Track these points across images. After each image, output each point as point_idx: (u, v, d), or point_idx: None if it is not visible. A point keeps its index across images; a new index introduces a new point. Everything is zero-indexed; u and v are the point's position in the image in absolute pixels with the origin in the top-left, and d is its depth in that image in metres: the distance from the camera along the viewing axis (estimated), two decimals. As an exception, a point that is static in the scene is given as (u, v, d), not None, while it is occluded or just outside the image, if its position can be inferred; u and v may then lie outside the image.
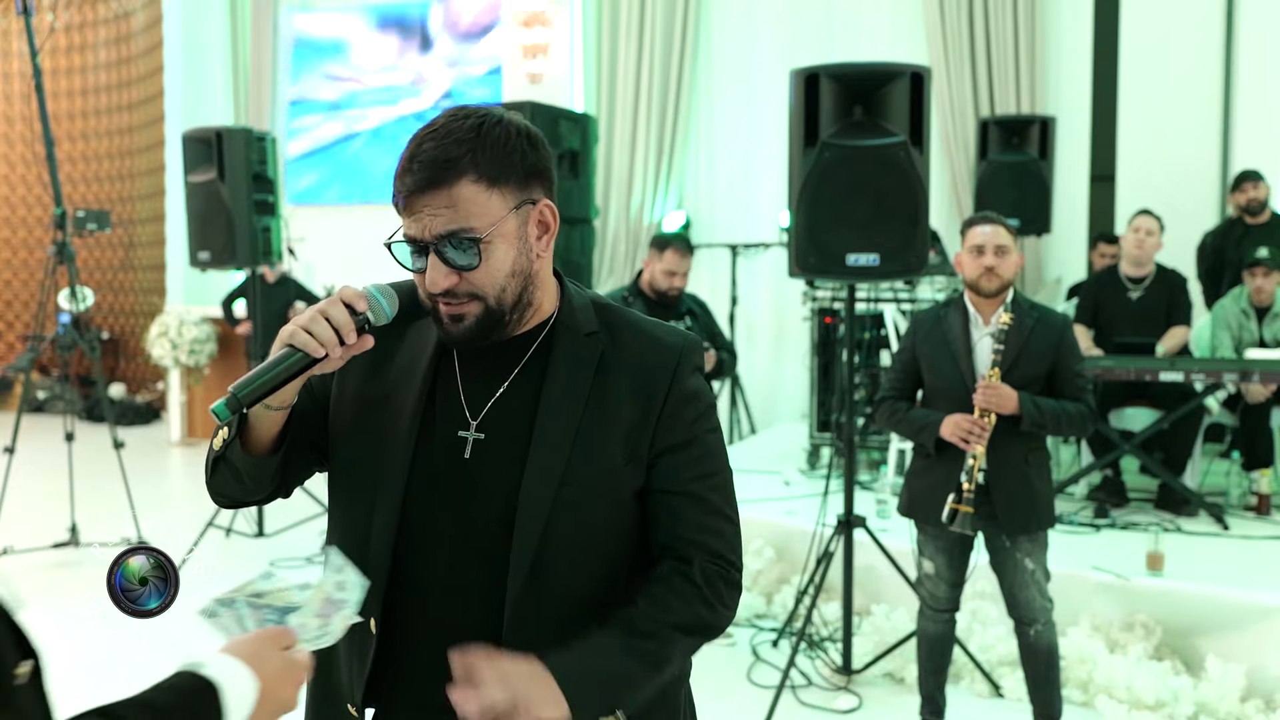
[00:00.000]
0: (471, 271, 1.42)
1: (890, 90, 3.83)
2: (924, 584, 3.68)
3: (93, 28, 13.02)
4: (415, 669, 1.50)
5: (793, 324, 8.46)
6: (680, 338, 1.57)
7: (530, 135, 1.46)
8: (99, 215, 6.49)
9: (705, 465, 1.54)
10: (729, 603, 1.53)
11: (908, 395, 3.67)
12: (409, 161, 1.41)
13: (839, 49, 8.34)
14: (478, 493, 1.48)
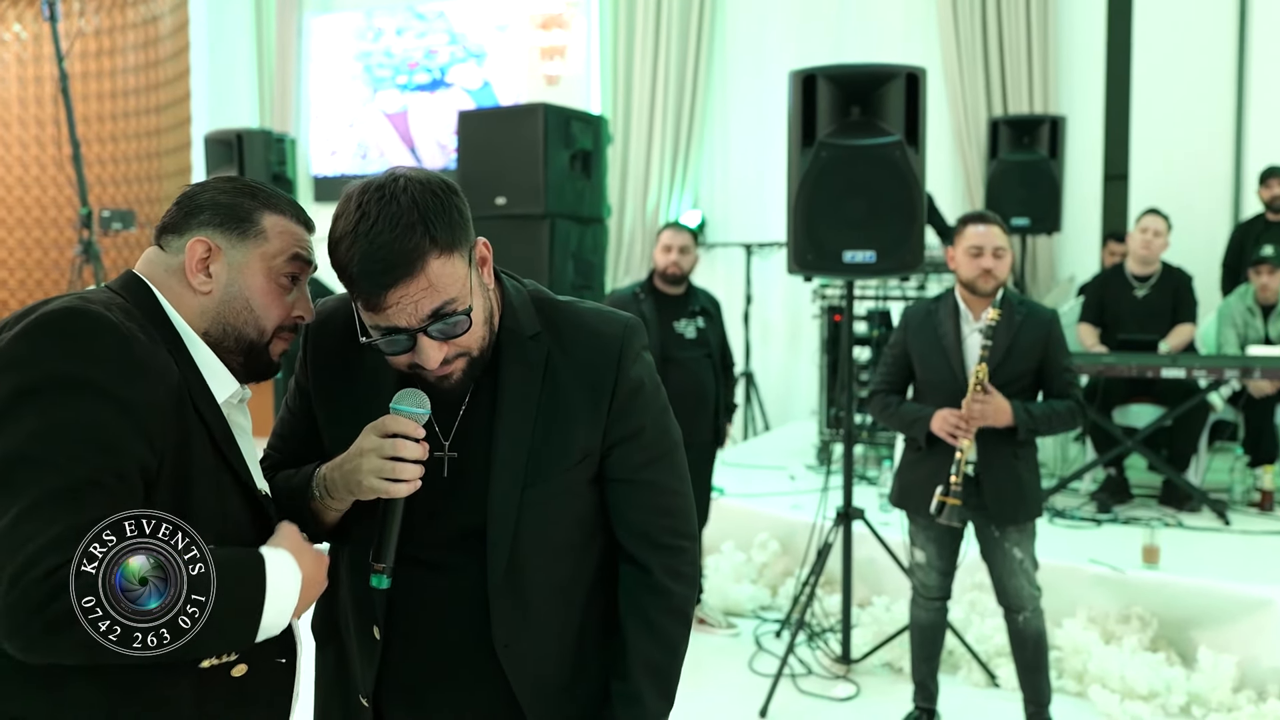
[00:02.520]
0: (461, 337, 1.48)
1: (887, 91, 3.90)
2: (916, 573, 3.76)
3: (121, 32, 13.24)
4: (414, 667, 1.60)
5: (806, 322, 8.53)
6: (619, 326, 1.63)
7: (450, 186, 1.47)
8: (124, 215, 6.66)
9: (654, 448, 1.65)
10: (691, 576, 1.67)
11: (899, 389, 3.73)
12: (368, 262, 1.40)
13: (851, 49, 8.40)
14: (456, 506, 1.58)
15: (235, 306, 1.49)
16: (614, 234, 9.19)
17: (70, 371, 1.27)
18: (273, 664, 1.49)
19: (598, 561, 1.67)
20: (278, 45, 11.34)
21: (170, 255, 1.50)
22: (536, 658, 1.60)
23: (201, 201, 1.51)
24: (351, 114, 11.59)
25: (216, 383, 1.46)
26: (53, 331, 1.29)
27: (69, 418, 1.26)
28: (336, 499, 1.53)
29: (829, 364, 6.72)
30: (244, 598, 1.32)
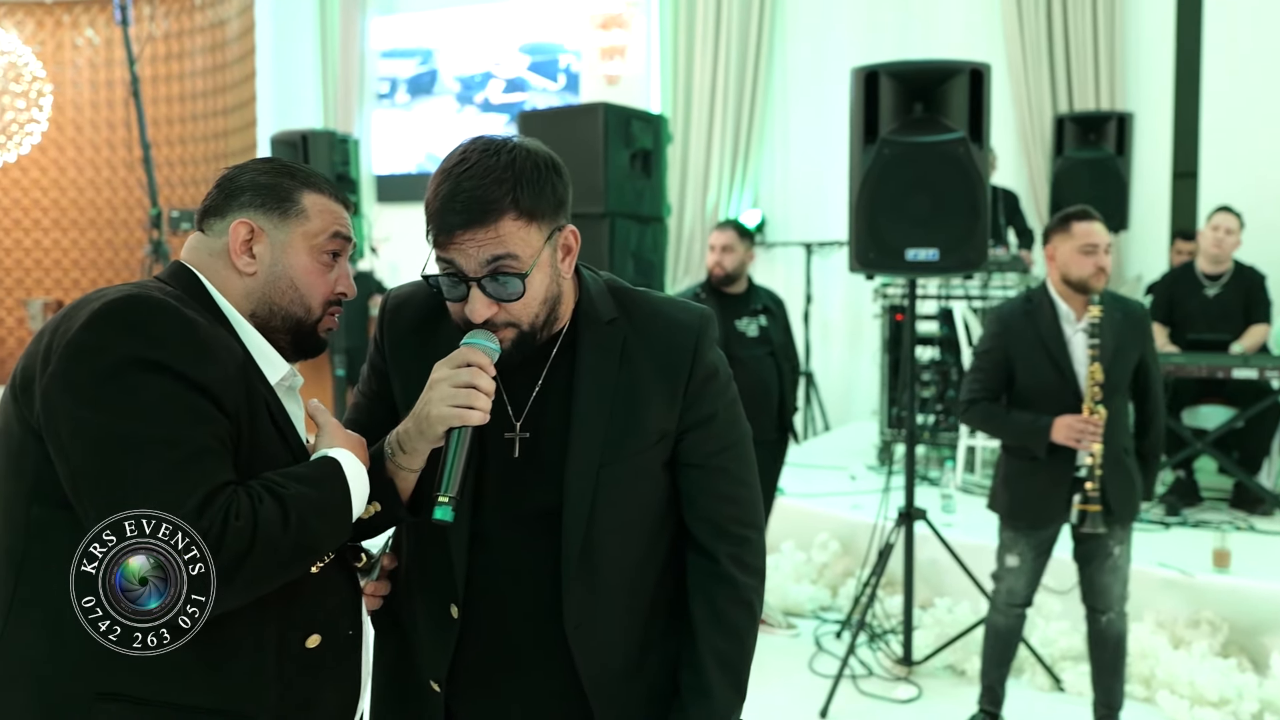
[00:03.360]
0: (513, 303, 1.50)
1: (950, 87, 3.87)
2: (1004, 579, 3.65)
3: (189, 35, 13.49)
4: (485, 650, 1.60)
5: (867, 322, 8.47)
6: (695, 314, 1.66)
7: (556, 165, 1.52)
8: (192, 215, 6.77)
9: (725, 437, 1.66)
10: (757, 568, 1.68)
11: (998, 396, 3.58)
12: (449, 200, 1.45)
13: (913, 46, 8.32)
14: (529, 487, 1.59)
15: (280, 286, 1.53)
16: (673, 233, 9.19)
17: (141, 354, 1.30)
18: (343, 636, 1.53)
19: (666, 548, 1.68)
20: (341, 46, 11.49)
21: (213, 238, 1.54)
22: (604, 641, 1.60)
23: (241, 183, 1.55)
24: (413, 114, 11.71)
25: (267, 365, 1.50)
26: (117, 319, 1.32)
27: (156, 396, 1.30)
28: (409, 452, 1.50)
29: (890, 364, 6.66)
30: (335, 496, 1.41)
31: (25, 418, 1.34)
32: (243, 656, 1.40)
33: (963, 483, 5.84)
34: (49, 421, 1.30)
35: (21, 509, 1.35)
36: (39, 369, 1.33)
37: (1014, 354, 3.53)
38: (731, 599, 1.64)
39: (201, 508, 1.25)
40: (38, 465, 1.33)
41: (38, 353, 1.35)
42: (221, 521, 1.25)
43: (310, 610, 1.47)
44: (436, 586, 1.60)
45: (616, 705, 1.62)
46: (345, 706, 1.55)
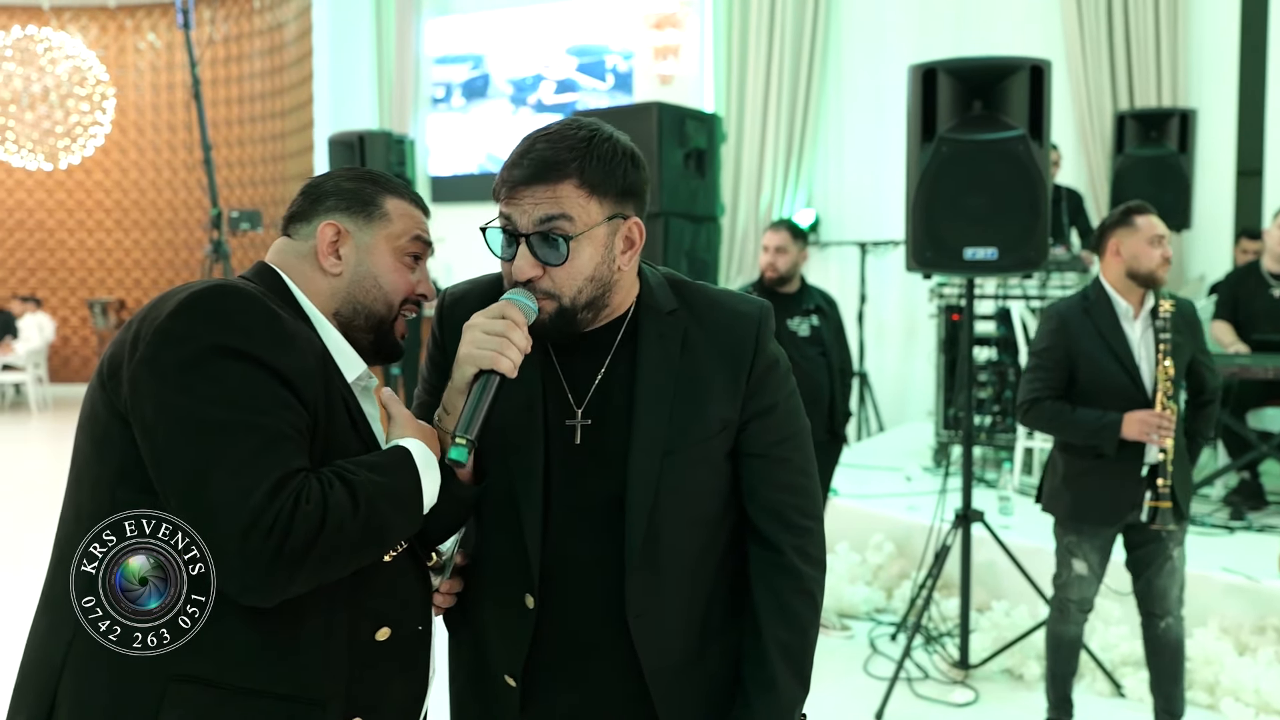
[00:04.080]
0: (556, 268, 1.51)
1: (1010, 84, 3.82)
2: (1074, 586, 3.58)
3: (248, 39, 13.68)
4: (556, 640, 1.61)
5: (922, 322, 8.40)
6: (755, 306, 1.67)
7: (634, 156, 1.55)
8: (251, 215, 6.88)
9: (786, 428, 1.67)
10: (819, 559, 1.68)
11: (1061, 395, 3.52)
12: (519, 157, 1.51)
13: (970, 43, 8.24)
14: (591, 473, 1.60)
15: (365, 285, 1.58)
16: (726, 233, 9.19)
17: (226, 342, 1.34)
18: (413, 631, 1.55)
19: (727, 539, 1.68)
20: (396, 48, 11.59)
21: (299, 242, 1.60)
22: (665, 630, 1.61)
23: (327, 189, 1.61)
24: (469, 117, 11.79)
25: (345, 363, 1.54)
26: (203, 308, 1.37)
27: (239, 382, 1.33)
28: (451, 411, 1.53)
29: (947, 364, 6.60)
30: (406, 484, 1.44)
31: (113, 403, 1.38)
32: (314, 645, 1.42)
33: (1020, 485, 5.77)
34: (135, 405, 1.34)
35: (106, 493, 1.38)
36: (127, 356, 1.37)
37: (1075, 351, 3.48)
38: (795, 590, 1.64)
39: (274, 492, 1.28)
40: (123, 450, 1.36)
41: (126, 340, 1.39)
42: (292, 505, 1.28)
43: (381, 603, 1.49)
44: (510, 577, 1.61)
45: (675, 695, 1.62)
46: (413, 701, 1.57)
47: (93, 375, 1.44)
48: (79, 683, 1.37)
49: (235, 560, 1.27)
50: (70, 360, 15.28)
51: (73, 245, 15.23)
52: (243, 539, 1.25)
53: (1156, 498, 3.34)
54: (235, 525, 1.26)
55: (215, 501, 1.27)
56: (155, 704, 1.34)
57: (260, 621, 1.37)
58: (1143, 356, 3.42)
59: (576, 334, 1.59)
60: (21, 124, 13.82)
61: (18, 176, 14.92)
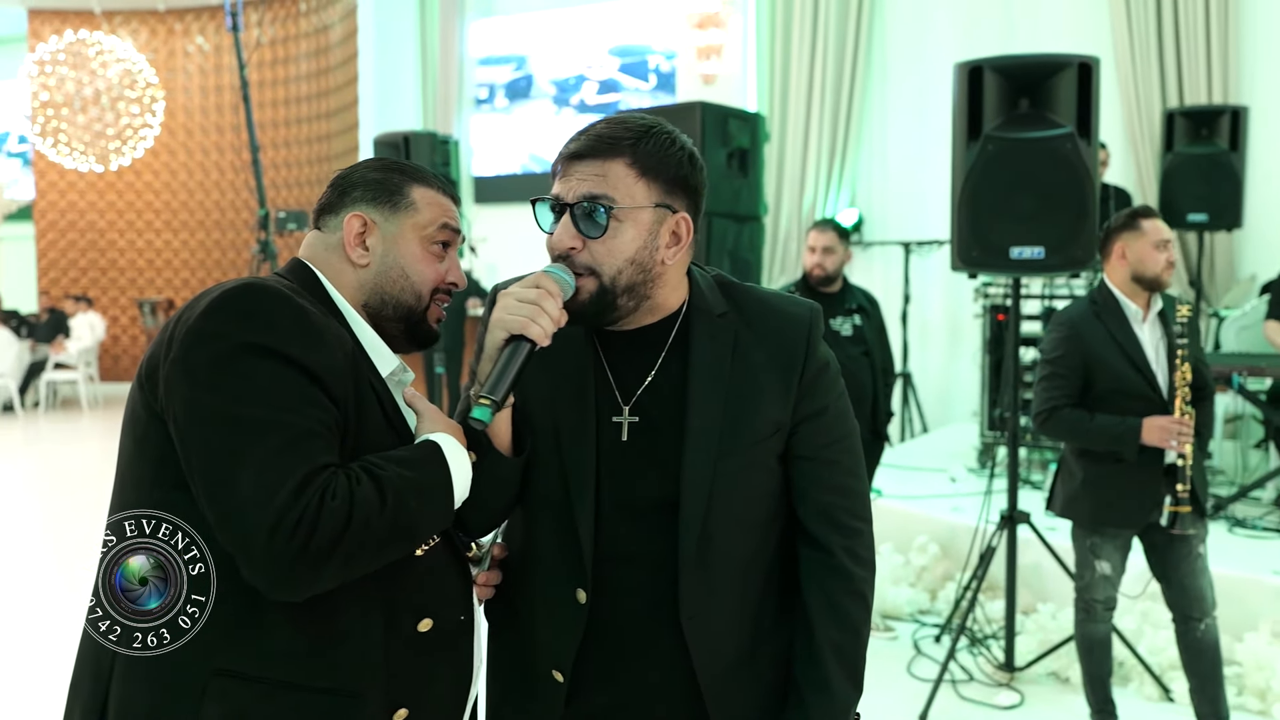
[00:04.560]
0: (595, 241, 1.52)
1: (1057, 82, 3.78)
2: (1098, 587, 3.58)
3: (294, 41, 13.82)
4: (606, 638, 1.61)
5: (966, 322, 8.34)
6: (805, 308, 1.67)
7: (693, 156, 1.57)
8: (298, 215, 6.95)
9: (836, 430, 1.66)
10: (869, 560, 1.68)
11: (1077, 402, 3.50)
12: (579, 134, 1.55)
13: (1015, 41, 8.18)
14: (640, 472, 1.60)
15: (392, 275, 1.58)
16: (769, 232, 9.16)
17: (255, 340, 1.36)
18: (455, 621, 1.56)
19: (777, 541, 1.68)
20: (440, 50, 11.67)
21: (328, 234, 1.61)
22: (717, 632, 1.61)
23: (353, 180, 1.62)
24: (512, 118, 11.84)
25: (378, 358, 1.55)
26: (232, 307, 1.38)
27: (268, 380, 1.35)
28: (484, 380, 1.51)
29: (992, 364, 6.54)
30: (436, 478, 1.45)
31: (150, 403, 1.41)
32: (353, 639, 1.44)
33: (1066, 486, 5.70)
34: (169, 405, 1.36)
35: (147, 491, 1.41)
36: (162, 357, 1.39)
37: (1090, 357, 3.48)
38: (846, 591, 1.63)
39: (299, 489, 1.29)
40: (160, 449, 1.39)
41: (162, 342, 1.42)
42: (318, 502, 1.29)
43: (422, 595, 1.51)
44: (561, 572, 1.61)
45: (727, 696, 1.62)
46: (459, 689, 1.59)
47: (136, 374, 1.47)
48: (127, 677, 1.39)
49: (262, 557, 1.28)
50: (120, 359, 15.53)
51: (123, 246, 15.47)
52: (269, 536, 1.26)
53: (1176, 502, 3.33)
54: (262, 522, 1.27)
55: (242, 499, 1.28)
56: (197, 698, 1.36)
57: (299, 616, 1.39)
58: (1155, 359, 3.44)
59: (615, 321, 1.59)
60: (74, 126, 14.04)
61: (70, 178, 15.18)
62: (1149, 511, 3.42)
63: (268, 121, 13.72)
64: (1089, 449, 3.51)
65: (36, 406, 13.11)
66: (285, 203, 13.49)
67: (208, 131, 15.05)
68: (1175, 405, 3.33)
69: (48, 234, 15.46)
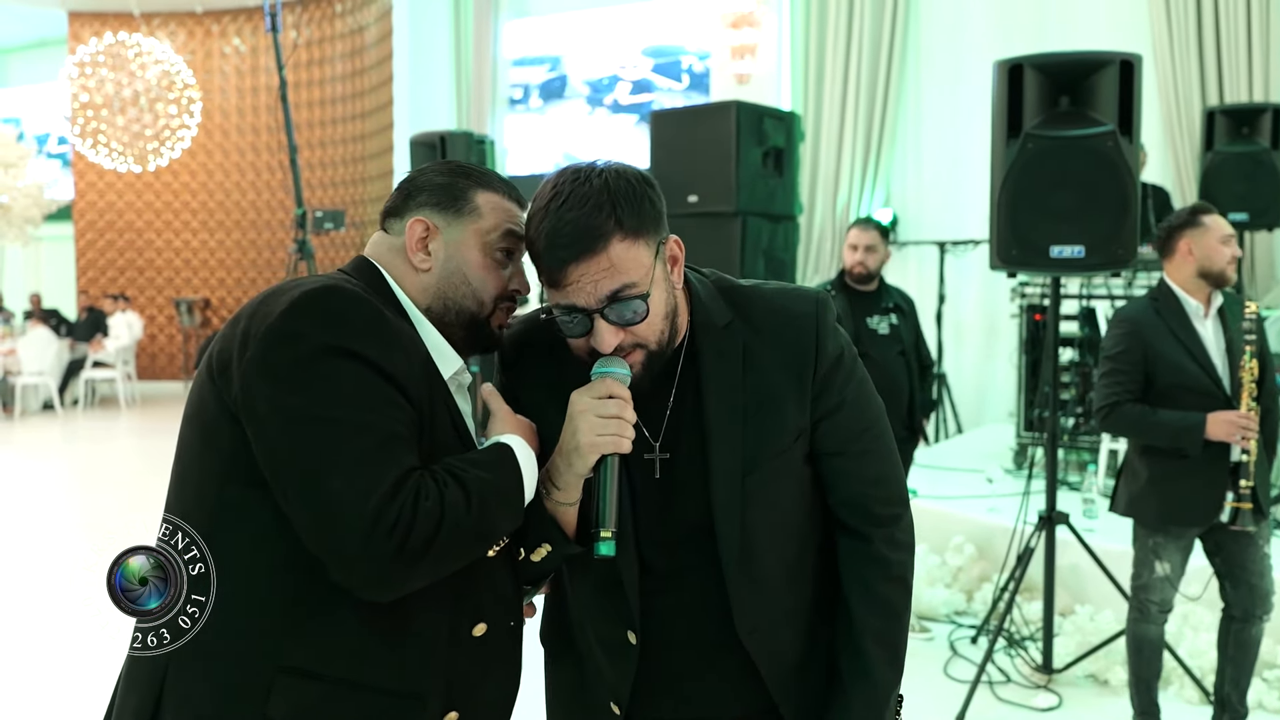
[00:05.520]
0: (638, 325, 1.49)
1: (1098, 79, 3.75)
2: (1155, 589, 3.53)
3: (330, 42, 13.91)
4: (664, 667, 1.62)
5: (1002, 322, 8.29)
6: (809, 302, 1.63)
7: (647, 179, 1.51)
8: (335, 215, 6.99)
9: (859, 421, 1.64)
10: (908, 543, 1.67)
11: (1139, 398, 3.47)
12: (554, 236, 1.44)
13: (1052, 39, 8.12)
14: (676, 505, 1.60)
15: (454, 281, 1.56)
16: (804, 232, 9.14)
17: (337, 342, 1.36)
18: (506, 627, 1.56)
19: (818, 536, 1.68)
20: (474, 50, 11.71)
21: (393, 237, 1.60)
22: (777, 638, 1.62)
23: (420, 184, 1.61)
24: (546, 118, 11.87)
25: (441, 360, 1.54)
26: (314, 308, 1.38)
27: (352, 382, 1.35)
28: (563, 487, 1.52)
29: (1029, 364, 6.49)
30: (510, 481, 1.46)
31: (222, 398, 1.40)
32: (419, 640, 1.44)
33: (1104, 487, 5.66)
34: (247, 404, 1.36)
35: (212, 487, 1.41)
36: (236, 352, 1.38)
37: (1152, 353, 3.46)
38: (885, 578, 1.63)
39: (394, 490, 1.30)
40: (232, 445, 1.38)
41: (234, 336, 1.41)
42: (413, 502, 1.30)
43: (478, 600, 1.51)
44: (610, 616, 1.62)
45: (795, 696, 1.63)
46: (507, 693, 1.60)
47: (200, 367, 1.46)
48: (185, 673, 1.39)
49: (358, 557, 1.28)
50: (157, 357, 15.68)
51: (160, 245, 15.62)
52: (366, 536, 1.27)
53: (1238, 499, 3.31)
54: (358, 523, 1.27)
55: (337, 500, 1.28)
56: (263, 695, 1.37)
57: (368, 616, 1.39)
58: (1216, 355, 3.42)
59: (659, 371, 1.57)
60: (113, 127, 14.20)
61: (108, 179, 15.35)
62: (1215, 510, 3.39)
63: (303, 122, 13.82)
64: (1153, 447, 3.48)
65: (75, 404, 13.26)
66: (320, 202, 13.58)
67: (244, 132, 15.18)
68: (1241, 400, 3.31)
69: (86, 234, 15.64)
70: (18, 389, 12.44)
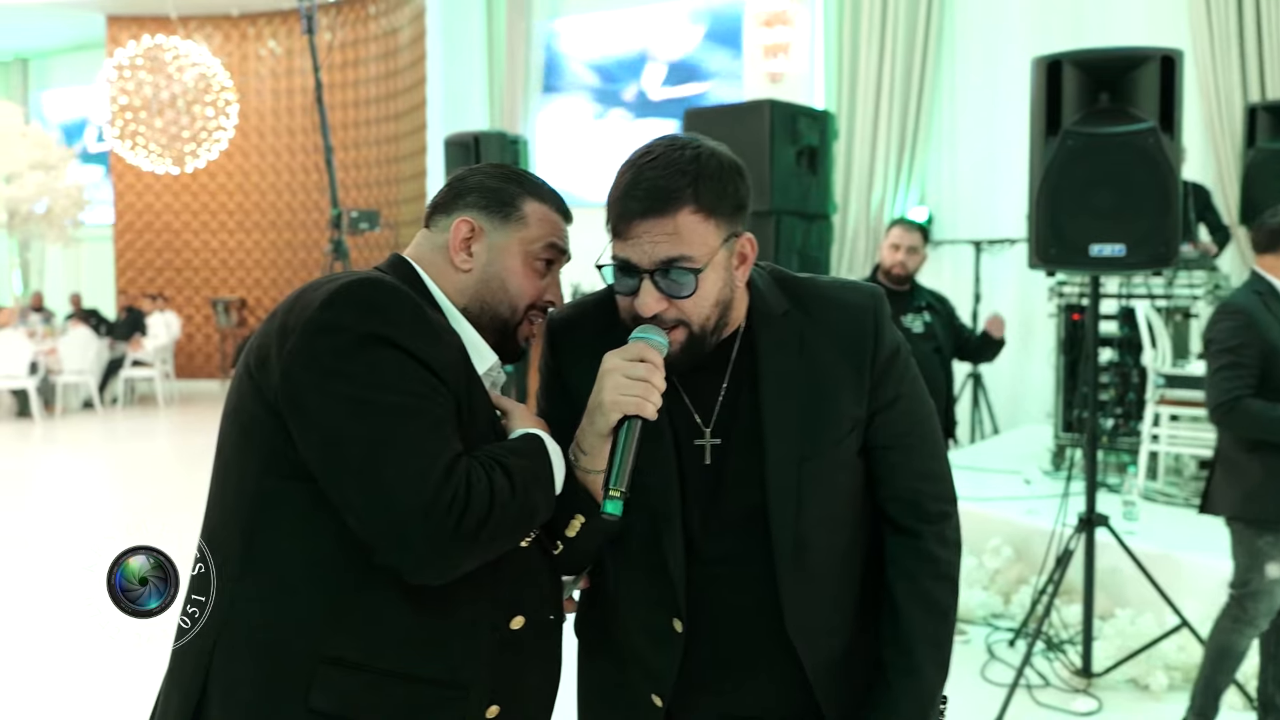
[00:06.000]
0: (684, 300, 1.49)
1: (1139, 75, 3.70)
2: (1265, 595, 3.39)
3: (364, 44, 13.99)
4: (708, 657, 1.61)
5: (1039, 322, 8.20)
6: (867, 295, 1.63)
7: (739, 169, 1.52)
8: (370, 215, 7.03)
9: (914, 414, 1.64)
10: (957, 542, 1.66)
11: (1257, 392, 3.34)
12: (631, 188, 1.47)
13: (1090, 36, 8.02)
14: (726, 492, 1.58)
15: (492, 286, 1.57)
16: (837, 231, 9.09)
17: (377, 331, 1.36)
18: (545, 619, 1.56)
19: (865, 533, 1.66)
20: (507, 51, 11.74)
21: (437, 234, 1.61)
22: (822, 631, 1.60)
23: (470, 184, 1.61)
24: (577, 115, 11.88)
25: (476, 356, 1.54)
26: (354, 299, 1.39)
27: (395, 369, 1.36)
28: (589, 452, 1.51)
29: (1067, 365, 6.42)
30: (545, 469, 1.48)
31: (261, 393, 1.40)
32: (461, 631, 1.45)
33: (1145, 490, 5.60)
34: (290, 396, 1.36)
35: (252, 481, 1.41)
36: (275, 347, 1.39)
37: (1269, 347, 3.34)
38: (934, 575, 1.62)
39: (448, 472, 1.32)
40: (271, 439, 1.39)
41: (272, 331, 1.41)
42: (465, 486, 1.32)
43: (515, 593, 1.51)
44: (654, 602, 1.60)
45: (837, 691, 1.61)
46: (549, 686, 1.59)
47: (238, 365, 1.47)
48: (230, 664, 1.40)
49: (416, 538, 1.29)
50: (194, 356, 15.83)
51: (197, 246, 15.78)
52: (424, 517, 1.29)
53: None
54: (417, 504, 1.29)
55: (393, 482, 1.30)
56: (305, 686, 1.37)
57: (412, 605, 1.40)
58: None
59: (701, 357, 1.56)
60: (151, 129, 14.35)
61: (146, 180, 15.52)
62: None
63: (338, 123, 13.90)
64: (1265, 443, 3.34)
65: (115, 403, 13.41)
66: (355, 202, 13.66)
67: (279, 134, 15.30)
68: None
69: (125, 235, 15.82)
70: (59, 387, 12.60)
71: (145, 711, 1.55)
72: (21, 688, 4.36)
